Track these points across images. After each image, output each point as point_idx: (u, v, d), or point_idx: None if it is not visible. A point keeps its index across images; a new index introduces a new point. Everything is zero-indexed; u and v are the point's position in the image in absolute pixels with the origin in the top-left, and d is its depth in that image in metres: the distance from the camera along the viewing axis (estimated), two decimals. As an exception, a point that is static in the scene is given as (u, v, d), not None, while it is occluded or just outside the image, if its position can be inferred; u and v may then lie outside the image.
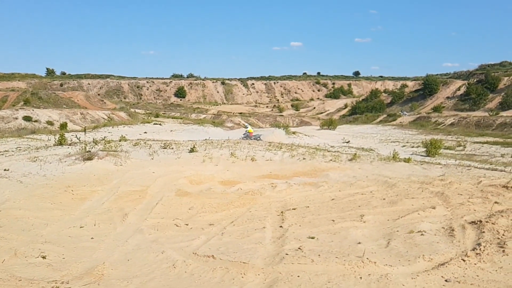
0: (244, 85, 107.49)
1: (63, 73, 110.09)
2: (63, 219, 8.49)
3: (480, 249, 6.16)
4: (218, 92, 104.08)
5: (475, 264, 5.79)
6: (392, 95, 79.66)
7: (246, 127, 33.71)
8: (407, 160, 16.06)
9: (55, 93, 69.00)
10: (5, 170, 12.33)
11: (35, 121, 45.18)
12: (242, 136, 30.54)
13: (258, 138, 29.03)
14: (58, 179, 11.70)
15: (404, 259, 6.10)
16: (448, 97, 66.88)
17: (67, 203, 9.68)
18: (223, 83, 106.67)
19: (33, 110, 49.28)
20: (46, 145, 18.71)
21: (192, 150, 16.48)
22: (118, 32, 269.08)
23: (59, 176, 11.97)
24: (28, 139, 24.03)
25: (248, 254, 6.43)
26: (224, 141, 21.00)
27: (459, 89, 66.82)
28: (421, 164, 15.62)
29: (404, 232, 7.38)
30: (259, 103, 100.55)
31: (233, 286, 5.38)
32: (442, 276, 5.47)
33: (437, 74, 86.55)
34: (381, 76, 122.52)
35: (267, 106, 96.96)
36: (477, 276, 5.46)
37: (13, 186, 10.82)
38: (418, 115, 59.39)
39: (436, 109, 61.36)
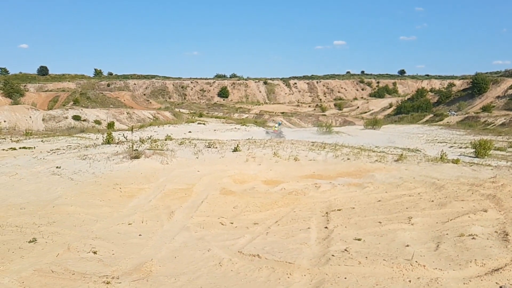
0: (286, 85, 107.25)
1: (110, 74, 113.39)
2: (112, 215, 8.75)
3: (537, 255, 5.88)
4: (260, 91, 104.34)
5: (532, 271, 5.53)
6: (439, 94, 77.57)
7: (278, 124, 34.76)
8: (456, 161, 15.54)
9: (102, 93, 71.32)
10: (57, 167, 12.84)
11: (84, 120, 46.80)
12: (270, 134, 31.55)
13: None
14: (107, 176, 12.07)
15: (455, 263, 5.90)
16: (498, 96, 64.43)
17: (116, 200, 9.97)
18: (265, 82, 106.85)
19: (82, 109, 51.11)
20: (94, 143, 19.32)
21: (235, 150, 16.58)
22: (163, 33, 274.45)
23: (107, 174, 12.34)
24: (77, 138, 24.92)
25: (294, 254, 6.41)
26: (266, 140, 21.02)
27: (510, 87, 64.21)
28: (470, 166, 15.08)
29: (454, 235, 7.15)
30: (301, 102, 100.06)
31: (279, 286, 5.37)
32: (496, 282, 5.26)
33: (486, 73, 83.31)
34: (427, 75, 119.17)
35: (309, 106, 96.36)
36: (535, 283, 5.22)
37: (64, 183, 11.26)
38: (466, 115, 57.47)
39: (486, 108, 59.19)
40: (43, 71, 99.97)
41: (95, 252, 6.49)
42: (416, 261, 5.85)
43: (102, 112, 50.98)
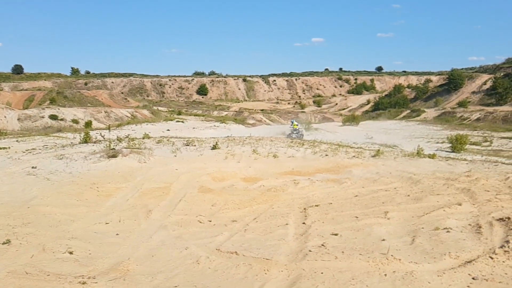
0: (265, 82, 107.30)
1: (88, 72, 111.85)
2: (89, 215, 8.64)
3: (508, 247, 6.02)
4: (239, 89, 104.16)
5: (503, 262, 5.66)
6: (416, 90, 78.49)
7: (296, 124, 33.49)
8: (432, 156, 15.80)
9: (80, 92, 70.06)
10: (33, 167, 12.62)
11: (61, 119, 46.01)
12: (293, 133, 30.78)
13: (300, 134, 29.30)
14: (84, 176, 11.91)
15: (430, 256, 6.00)
16: (473, 92, 65.50)
17: (93, 199, 9.85)
18: (244, 80, 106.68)
19: (59, 108, 50.17)
20: (71, 143, 19.05)
21: (214, 147, 16.55)
22: (141, 31, 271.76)
23: (84, 174, 12.18)
24: (54, 137, 24.49)
25: (271, 250, 6.43)
26: (246, 138, 21.02)
27: (485, 83, 65.37)
28: (446, 160, 15.36)
29: (430, 229, 7.27)
30: (280, 99, 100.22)
31: (257, 282, 5.38)
32: (469, 274, 5.37)
33: (462, 69, 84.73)
34: (405, 71, 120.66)
35: (288, 103, 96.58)
36: (506, 274, 5.35)
37: (40, 183, 11.06)
38: (443, 110, 58.36)
39: (461, 104, 60.14)
40: (17, 69, 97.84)
41: (71, 253, 6.41)
42: (391, 255, 5.93)
43: (80, 111, 50.21)
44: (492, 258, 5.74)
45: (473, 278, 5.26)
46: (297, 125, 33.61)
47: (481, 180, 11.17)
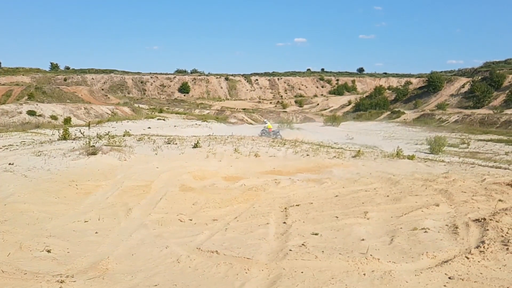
0: (247, 81, 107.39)
1: (67, 68, 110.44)
2: (68, 213, 8.53)
3: (483, 247, 6.14)
4: (221, 87, 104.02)
5: (478, 261, 5.77)
6: (396, 92, 79.58)
7: (265, 123, 33.00)
8: (411, 157, 16.00)
9: (59, 87, 69.04)
10: (9, 164, 12.38)
11: (39, 115, 45.31)
12: (260, 132, 30.53)
13: (278, 135, 29.04)
14: (63, 173, 11.73)
15: (408, 256, 6.09)
16: (452, 95, 66.70)
17: (72, 197, 9.72)
18: (226, 78, 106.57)
19: (37, 104, 49.36)
20: (50, 139, 18.76)
21: (196, 146, 16.48)
22: (122, 27, 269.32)
23: (63, 171, 12.00)
24: (32, 134, 24.14)
25: (252, 249, 6.44)
26: (227, 136, 20.98)
27: (463, 86, 66.65)
28: (425, 162, 15.58)
29: (408, 229, 7.37)
30: (262, 99, 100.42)
31: (237, 282, 5.39)
32: (445, 274, 5.46)
33: (441, 71, 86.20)
34: (385, 73, 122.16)
35: (270, 102, 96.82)
36: (481, 273, 5.45)
37: (17, 180, 10.85)
38: (422, 112, 59.28)
39: (440, 106, 61.23)
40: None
41: (49, 251, 6.32)
42: (370, 255, 5.99)
43: (59, 107, 49.50)
44: (468, 258, 5.85)
45: (449, 278, 5.35)
46: (266, 122, 32.77)
47: (458, 181, 11.36)
